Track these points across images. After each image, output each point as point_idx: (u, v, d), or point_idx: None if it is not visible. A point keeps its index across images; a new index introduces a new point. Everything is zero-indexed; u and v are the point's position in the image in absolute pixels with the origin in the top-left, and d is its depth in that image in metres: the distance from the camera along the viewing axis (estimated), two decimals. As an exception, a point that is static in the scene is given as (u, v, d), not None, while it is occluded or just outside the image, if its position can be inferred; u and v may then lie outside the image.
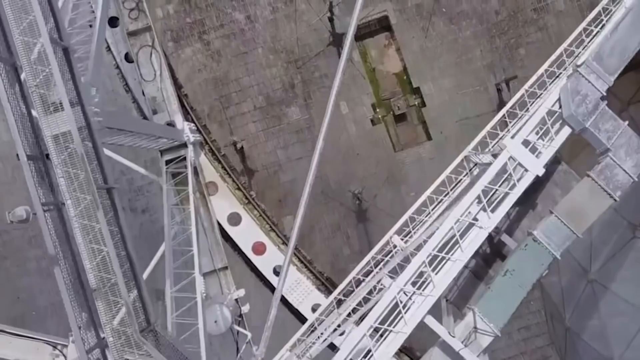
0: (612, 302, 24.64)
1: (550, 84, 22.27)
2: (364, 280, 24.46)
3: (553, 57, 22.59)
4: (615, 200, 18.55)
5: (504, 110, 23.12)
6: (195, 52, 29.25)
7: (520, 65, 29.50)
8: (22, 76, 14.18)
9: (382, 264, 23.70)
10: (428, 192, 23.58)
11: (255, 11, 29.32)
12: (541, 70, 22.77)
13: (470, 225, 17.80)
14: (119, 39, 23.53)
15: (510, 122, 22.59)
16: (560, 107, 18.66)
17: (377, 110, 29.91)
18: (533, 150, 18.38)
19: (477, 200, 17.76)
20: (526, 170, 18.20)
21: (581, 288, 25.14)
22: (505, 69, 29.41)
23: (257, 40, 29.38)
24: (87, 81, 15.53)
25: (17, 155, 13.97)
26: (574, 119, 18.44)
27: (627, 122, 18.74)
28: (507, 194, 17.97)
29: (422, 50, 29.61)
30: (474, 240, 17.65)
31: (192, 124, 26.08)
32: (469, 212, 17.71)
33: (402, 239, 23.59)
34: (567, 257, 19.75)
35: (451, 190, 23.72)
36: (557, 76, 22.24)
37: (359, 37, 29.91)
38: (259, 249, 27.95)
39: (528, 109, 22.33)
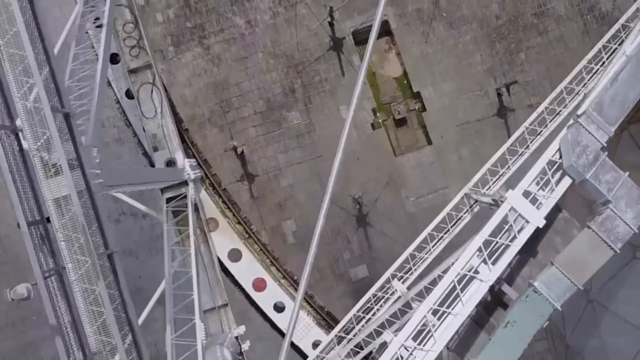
0: (612, 322, 24.69)
1: (550, 122, 22.39)
2: (363, 317, 24.58)
3: (553, 94, 22.78)
4: (616, 252, 18.57)
5: (504, 148, 23.28)
6: (195, 56, 29.25)
7: (521, 69, 29.52)
8: (23, 140, 14.25)
9: (382, 301, 23.92)
10: (428, 229, 23.86)
11: (255, 16, 29.35)
12: (541, 108, 22.92)
13: (471, 278, 17.84)
14: (119, 76, 23.63)
15: (510, 159, 22.66)
16: (561, 157, 18.70)
17: (378, 114, 29.89)
18: (534, 201, 18.42)
19: (478, 252, 17.82)
20: (527, 221, 18.23)
21: (582, 307, 25.17)
22: (505, 73, 29.42)
23: (257, 45, 29.40)
24: (87, 143, 15.58)
25: (18, 224, 13.92)
26: (574, 170, 18.44)
27: (627, 173, 18.73)
28: (507, 246, 18.01)
29: (422, 54, 29.62)
30: (475, 294, 17.71)
31: (193, 160, 26.09)
32: (470, 265, 17.77)
33: (401, 278, 23.71)
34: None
35: (451, 227, 23.84)
36: (557, 113, 22.34)
37: (359, 41, 29.91)
38: (259, 285, 28.04)
39: (528, 146, 22.45)
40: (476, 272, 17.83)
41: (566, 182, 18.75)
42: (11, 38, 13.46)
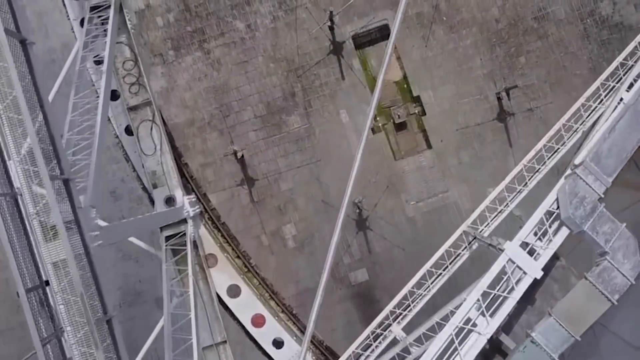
0: (611, 342, 24.67)
1: (548, 160, 22.43)
2: (362, 354, 24.60)
3: (552, 132, 22.88)
4: (613, 304, 18.62)
5: (502, 185, 23.36)
6: (195, 60, 29.29)
7: (521, 73, 29.52)
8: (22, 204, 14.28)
9: (380, 338, 23.99)
10: (427, 266, 23.90)
11: (255, 20, 29.38)
12: (539, 145, 22.97)
13: (470, 331, 17.90)
14: (119, 112, 23.68)
15: (508, 197, 22.74)
16: (558, 207, 18.75)
17: (378, 118, 29.89)
18: (531, 252, 18.49)
19: (476, 304, 17.88)
20: (525, 272, 18.28)
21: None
22: (505, 77, 29.40)
23: (257, 49, 29.43)
24: (86, 203, 15.66)
25: (17, 293, 13.92)
26: (571, 222, 18.52)
27: (624, 224, 18.75)
28: (505, 298, 18.06)
29: (422, 58, 29.64)
30: (473, 347, 17.82)
31: (192, 195, 26.16)
32: (468, 317, 17.83)
33: (399, 315, 23.78)
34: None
35: (450, 263, 23.91)
36: (555, 151, 22.40)
37: (359, 45, 29.95)
38: (258, 321, 28.01)
39: (527, 183, 22.53)
40: (474, 324, 17.90)
41: (564, 232, 18.94)
42: (10, 103, 13.48)
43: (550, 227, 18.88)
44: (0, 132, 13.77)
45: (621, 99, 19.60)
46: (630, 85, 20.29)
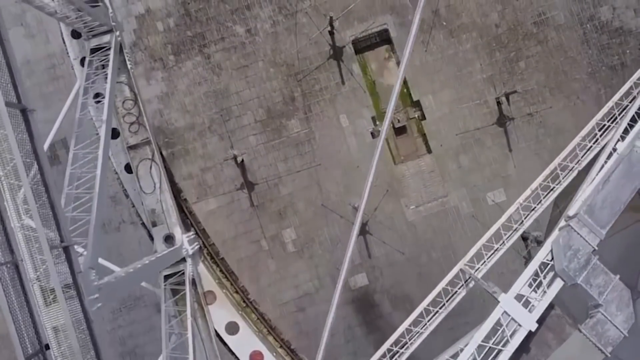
0: None
1: (543, 198, 22.53)
2: None
3: (547, 171, 23.02)
4: (607, 356, 18.77)
5: (499, 223, 23.45)
6: (195, 65, 29.34)
7: (520, 78, 29.56)
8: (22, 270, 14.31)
9: None
10: (424, 305, 23.95)
11: (255, 24, 29.43)
12: (535, 185, 23.10)
13: None
14: (118, 150, 23.77)
15: (505, 235, 22.85)
16: (553, 259, 18.90)
17: (377, 123, 29.91)
18: (526, 303, 18.63)
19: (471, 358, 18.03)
20: (519, 325, 18.41)
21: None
22: (505, 82, 29.45)
23: (257, 54, 29.48)
24: (86, 265, 15.67)
25: None
26: (566, 274, 18.79)
27: (618, 276, 18.89)
28: (500, 351, 18.23)
29: (422, 63, 29.69)
30: None
31: (191, 232, 26.28)
32: None
33: (396, 353, 23.89)
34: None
35: (447, 301, 23.97)
36: (551, 190, 22.48)
37: (359, 50, 30.00)
38: (257, 358, 28.02)
39: (522, 222, 22.62)
40: None
41: (558, 284, 19.21)
42: (11, 170, 13.53)
43: (544, 278, 19.15)
44: (2, 197, 13.83)
45: (615, 149, 19.72)
46: (625, 131, 20.34)
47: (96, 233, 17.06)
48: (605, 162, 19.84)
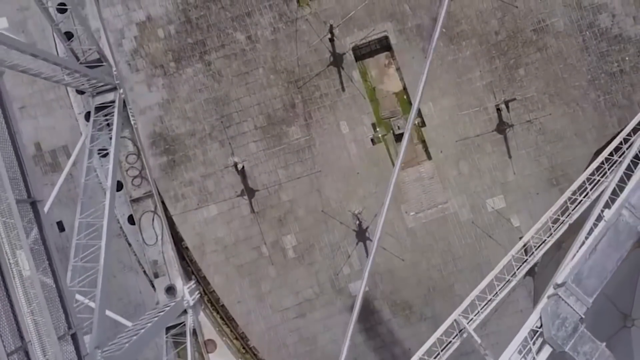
0: None
1: (536, 250, 22.81)
2: None
3: (538, 224, 23.46)
4: None
5: (491, 275, 23.81)
6: (196, 72, 29.44)
7: (520, 85, 29.68)
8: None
9: None
10: (419, 354, 24.11)
11: (256, 31, 29.54)
12: (527, 238, 23.65)
13: None
14: (122, 202, 24.17)
15: (497, 285, 23.08)
16: (542, 325, 19.28)
17: (377, 129, 30.04)
18: None
19: None
20: None
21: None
22: (504, 89, 29.56)
23: (258, 61, 29.58)
24: (91, 345, 16.18)
25: None
26: (554, 342, 19.29)
27: (604, 344, 19.22)
28: None
29: (422, 70, 29.72)
30: None
31: (192, 282, 26.52)
32: None
33: None
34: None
35: (442, 351, 24.15)
36: (543, 242, 22.74)
37: (359, 57, 30.12)
38: None
39: (515, 273, 22.92)
40: None
41: (547, 350, 19.66)
42: (20, 260, 13.74)
43: (534, 344, 19.65)
44: (14, 290, 13.98)
45: (602, 217, 19.98)
46: (615, 192, 20.51)
47: (101, 315, 17.38)
48: (593, 227, 20.15)
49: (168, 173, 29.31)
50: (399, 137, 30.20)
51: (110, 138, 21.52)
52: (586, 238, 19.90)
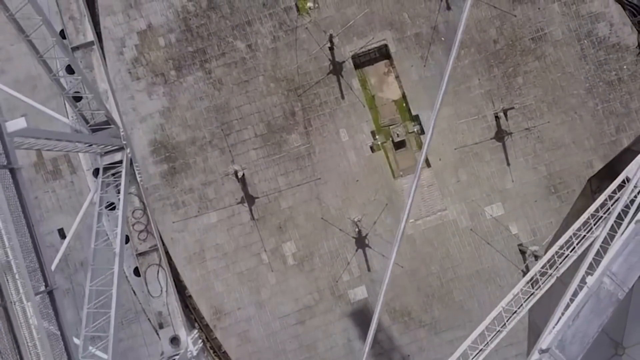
0: None
1: (524, 302, 23.11)
2: None
3: (527, 277, 23.69)
4: None
5: (482, 326, 23.98)
6: (197, 80, 29.63)
7: (518, 93, 29.85)
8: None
9: None
10: None
11: (256, 40, 29.73)
12: (516, 289, 23.80)
13: None
14: (128, 255, 24.61)
15: (488, 335, 23.38)
16: None
17: (377, 137, 30.20)
18: None
19: None
20: None
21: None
22: (503, 97, 29.74)
23: (258, 69, 29.77)
24: None
25: None
26: None
27: None
28: None
29: (420, 78, 29.98)
30: None
31: (195, 331, 26.97)
32: None
33: None
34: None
35: None
36: (531, 294, 23.06)
37: (359, 65, 30.31)
38: None
39: (505, 324, 23.19)
40: None
41: None
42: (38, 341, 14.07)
43: None
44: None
45: (585, 283, 20.25)
46: (596, 261, 20.74)
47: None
48: (578, 289, 20.43)
49: (168, 180, 29.50)
50: (398, 145, 30.40)
51: (118, 193, 22.26)
52: (571, 301, 20.20)
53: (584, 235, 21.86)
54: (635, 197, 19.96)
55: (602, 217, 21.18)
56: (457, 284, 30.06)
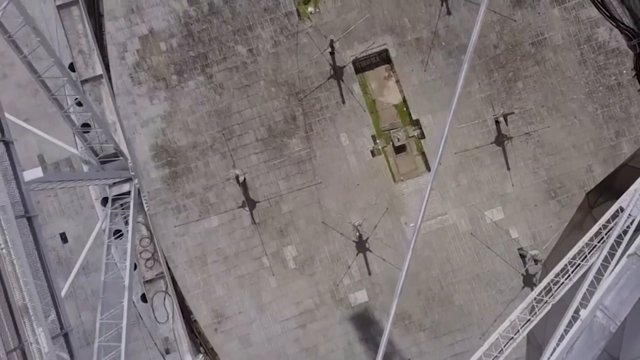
0: None
1: (521, 328, 23.20)
2: None
3: (524, 304, 23.40)
4: None
5: (480, 352, 23.99)
6: (198, 84, 29.75)
7: (518, 98, 29.96)
8: None
9: None
10: None
11: (257, 45, 29.86)
12: (513, 316, 23.53)
13: None
14: (135, 282, 25.11)
15: None
16: None
17: (377, 141, 30.30)
18: None
19: None
20: None
21: None
22: (503, 102, 29.85)
23: (259, 73, 29.90)
24: None
25: None
26: None
27: None
28: None
29: (421, 83, 30.10)
30: None
31: (201, 355, 27.38)
32: None
33: None
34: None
35: None
36: (528, 321, 23.12)
37: (359, 69, 30.43)
38: None
39: (502, 350, 23.26)
40: None
41: None
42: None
43: None
44: None
45: (578, 315, 20.37)
46: (590, 292, 20.89)
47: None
48: (570, 324, 20.55)
49: (170, 185, 29.63)
50: (398, 149, 30.51)
51: (126, 223, 22.79)
52: (565, 332, 20.32)
53: (579, 264, 22.00)
54: (629, 227, 20.03)
55: (596, 245, 21.30)
56: (457, 287, 30.19)
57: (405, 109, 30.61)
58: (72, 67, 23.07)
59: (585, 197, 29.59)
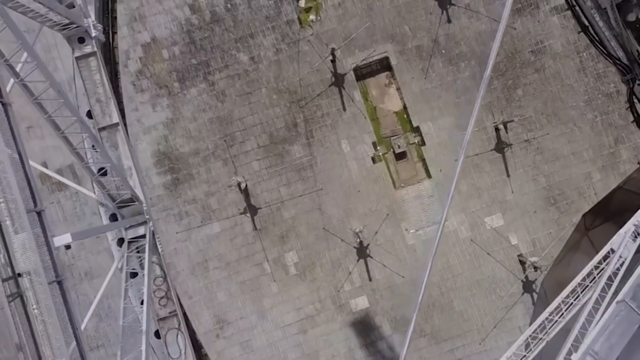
0: None
1: None
2: None
3: (519, 340, 23.61)
4: None
5: None
6: (200, 92, 29.99)
7: (518, 105, 30.17)
8: None
9: None
10: None
11: (259, 52, 30.10)
12: (510, 352, 23.77)
13: None
14: (149, 319, 25.73)
15: None
16: None
17: (378, 148, 30.49)
18: None
19: None
20: None
21: None
22: (502, 109, 30.06)
23: (260, 81, 30.13)
24: None
25: None
26: None
27: None
28: None
29: (421, 90, 30.31)
30: None
31: None
32: None
33: None
34: None
35: None
36: (530, 349, 23.38)
37: (360, 77, 30.66)
38: None
39: None
40: None
41: None
42: None
43: None
44: None
45: (570, 359, 20.63)
46: (582, 334, 21.13)
47: None
48: None
49: (172, 191, 29.86)
50: (399, 156, 30.70)
51: (142, 263, 23.79)
52: None
53: (572, 303, 22.26)
54: (618, 269, 20.25)
55: (588, 285, 21.54)
56: (457, 293, 30.36)
57: (405, 116, 30.83)
58: (89, 114, 23.90)
59: (582, 218, 29.87)
